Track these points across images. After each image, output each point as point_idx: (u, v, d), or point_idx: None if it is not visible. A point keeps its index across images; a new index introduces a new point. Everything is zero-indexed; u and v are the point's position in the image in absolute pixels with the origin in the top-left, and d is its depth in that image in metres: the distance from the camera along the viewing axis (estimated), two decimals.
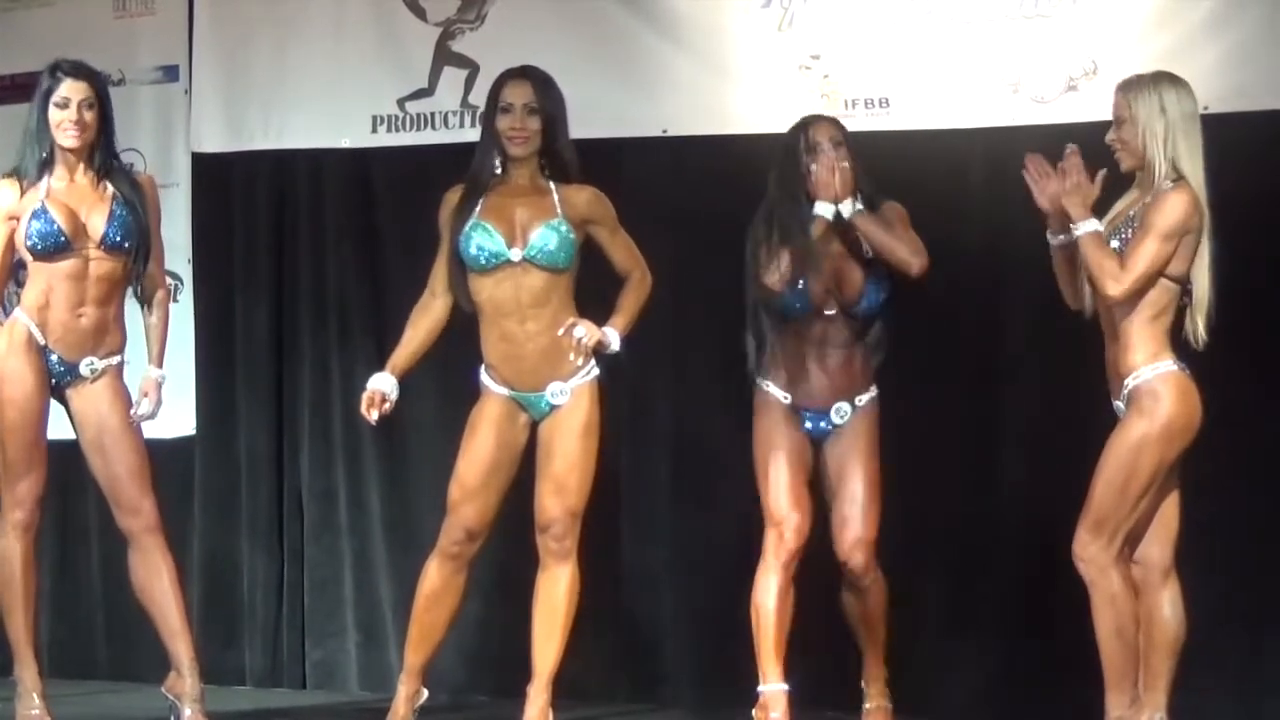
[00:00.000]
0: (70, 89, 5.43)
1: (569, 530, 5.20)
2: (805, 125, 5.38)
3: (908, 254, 5.24)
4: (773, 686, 5.34)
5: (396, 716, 5.29)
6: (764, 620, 5.33)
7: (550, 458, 5.20)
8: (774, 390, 5.37)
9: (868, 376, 5.39)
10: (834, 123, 5.40)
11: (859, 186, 5.27)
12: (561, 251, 5.15)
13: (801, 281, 5.26)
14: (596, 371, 5.23)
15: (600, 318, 5.17)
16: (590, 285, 5.32)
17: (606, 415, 5.26)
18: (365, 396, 5.23)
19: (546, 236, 5.14)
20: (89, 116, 5.44)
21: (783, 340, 5.37)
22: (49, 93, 5.43)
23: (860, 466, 5.34)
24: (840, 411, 5.35)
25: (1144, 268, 4.72)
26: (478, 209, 5.18)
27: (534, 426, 5.24)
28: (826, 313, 5.33)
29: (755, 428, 5.41)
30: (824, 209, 5.25)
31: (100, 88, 5.50)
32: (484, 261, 5.16)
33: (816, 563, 5.41)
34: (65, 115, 5.42)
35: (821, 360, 5.36)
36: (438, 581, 5.26)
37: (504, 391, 5.22)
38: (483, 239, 5.15)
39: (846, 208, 5.24)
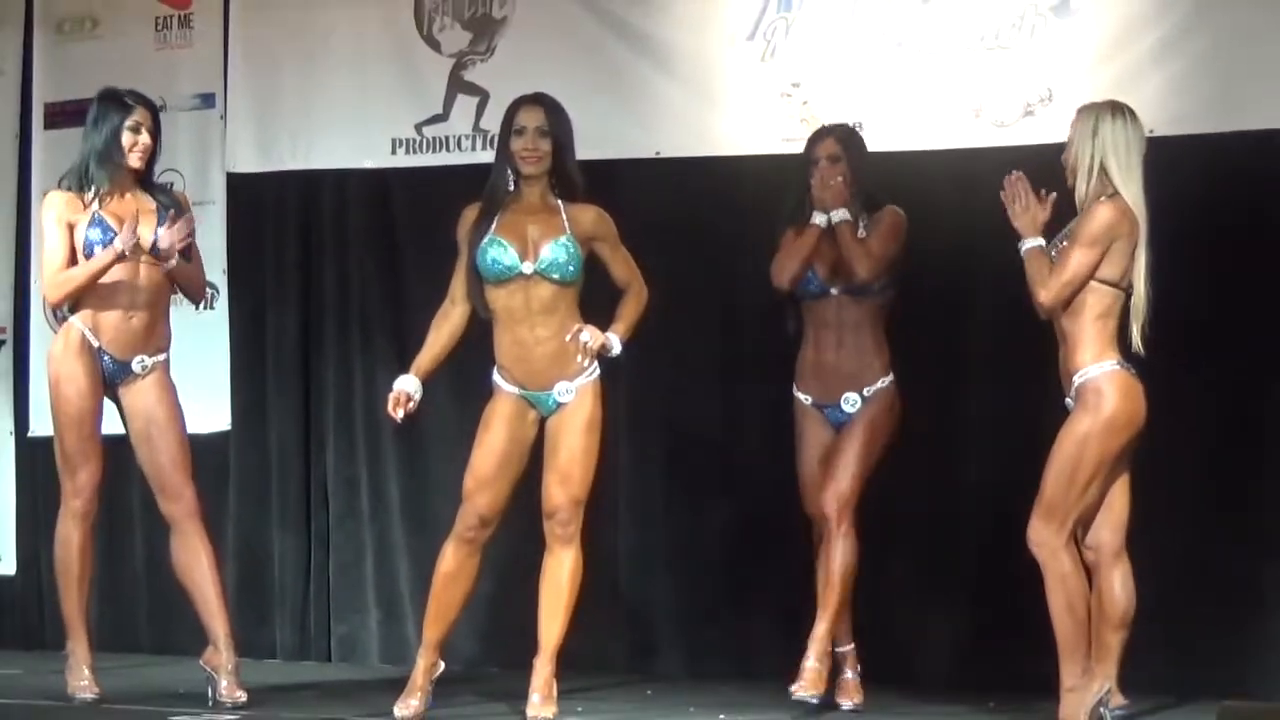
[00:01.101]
0: (142, 116, 5.58)
1: (573, 517, 5.21)
2: (811, 141, 5.56)
3: (856, 262, 5.45)
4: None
5: (415, 686, 5.28)
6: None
7: (556, 451, 5.22)
8: (799, 394, 5.59)
9: (881, 364, 5.53)
10: (838, 138, 5.55)
11: (854, 194, 5.46)
12: (570, 265, 5.18)
13: (810, 270, 5.51)
14: (599, 372, 5.25)
15: (603, 324, 5.23)
16: (597, 294, 5.38)
17: (607, 412, 5.28)
18: (391, 397, 5.21)
19: (556, 252, 5.17)
20: (150, 141, 5.58)
21: (805, 333, 5.58)
22: (123, 119, 5.54)
23: (854, 438, 5.47)
24: (850, 401, 5.51)
25: (1068, 274, 4.84)
26: (493, 225, 5.20)
27: (542, 423, 5.25)
28: (833, 292, 5.51)
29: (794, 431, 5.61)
30: (818, 217, 5.48)
31: (158, 115, 5.66)
32: (499, 274, 5.18)
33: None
34: (139, 140, 5.56)
35: (839, 344, 5.52)
36: (453, 564, 5.26)
37: (515, 390, 5.24)
38: (498, 253, 5.18)
39: (835, 216, 5.45)
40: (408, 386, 5.24)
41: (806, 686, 5.33)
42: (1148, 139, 5.00)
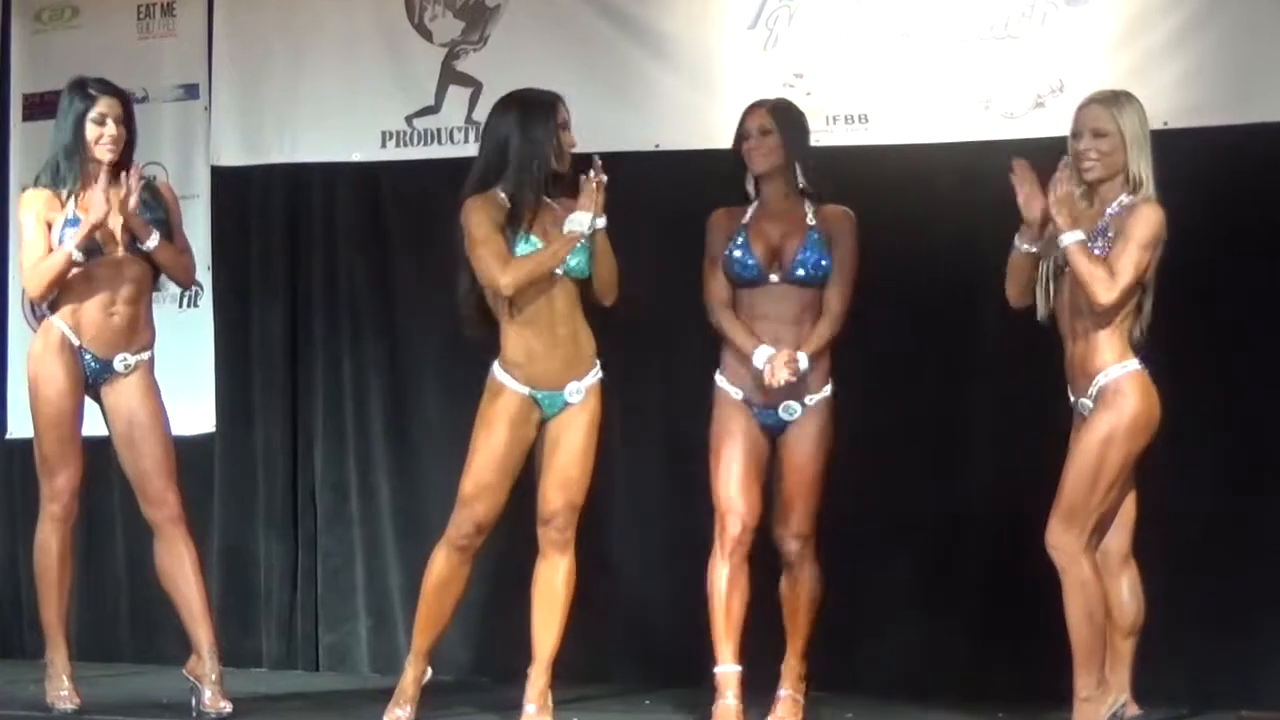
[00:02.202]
0: (106, 105, 5.48)
1: (570, 522, 5.20)
2: (744, 115, 5.40)
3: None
4: (724, 668, 5.32)
5: (404, 695, 5.28)
6: (715, 604, 5.33)
7: (555, 452, 5.20)
8: (726, 386, 5.34)
9: (821, 374, 5.28)
10: (769, 110, 5.36)
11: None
12: (588, 263, 5.20)
13: (741, 237, 5.30)
14: (601, 372, 5.26)
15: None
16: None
17: (605, 411, 5.27)
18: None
19: (578, 252, 5.16)
20: (121, 131, 5.48)
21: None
22: (85, 110, 5.45)
23: (806, 465, 5.27)
24: (789, 409, 5.27)
25: (1133, 275, 4.75)
26: (522, 224, 5.17)
27: (541, 424, 5.23)
28: (772, 278, 5.27)
29: (712, 420, 5.38)
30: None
31: (127, 103, 5.54)
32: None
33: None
34: (104, 131, 5.46)
35: (775, 340, 5.24)
36: (445, 570, 5.24)
37: (524, 390, 5.19)
38: (527, 251, 5.16)
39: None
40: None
41: (783, 717, 5.34)
42: (1161, 130, 4.98)
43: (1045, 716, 5.10)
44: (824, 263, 5.27)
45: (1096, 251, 4.76)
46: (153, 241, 5.47)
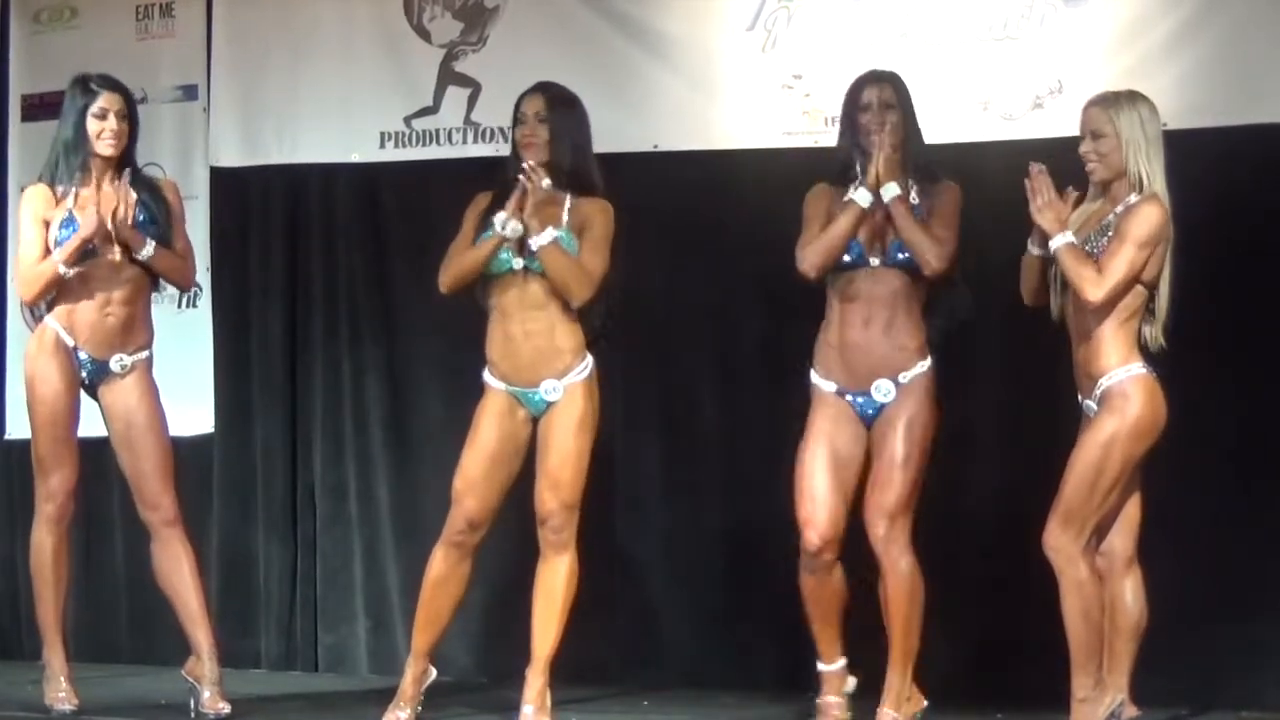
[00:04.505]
0: (108, 100, 5.44)
1: (566, 523, 5.14)
2: (855, 88, 5.12)
3: (926, 251, 5.00)
4: (825, 667, 5.12)
5: (405, 696, 5.23)
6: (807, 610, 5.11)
7: (546, 453, 5.16)
8: (818, 380, 5.12)
9: (916, 348, 5.06)
10: (888, 82, 5.10)
11: (908, 161, 5.06)
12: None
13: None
14: (590, 370, 5.18)
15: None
16: None
17: (602, 409, 5.21)
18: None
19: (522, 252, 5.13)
20: (123, 127, 5.44)
21: (831, 310, 5.11)
22: (86, 105, 5.42)
23: (896, 441, 5.01)
24: (881, 389, 5.05)
25: (1123, 274, 4.70)
26: (496, 214, 5.14)
27: (535, 423, 5.20)
28: (872, 261, 5.05)
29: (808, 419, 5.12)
30: (862, 197, 5.03)
31: (130, 99, 5.51)
32: (493, 269, 5.15)
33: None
34: (105, 125, 5.42)
35: (867, 322, 5.04)
36: (443, 569, 5.20)
37: (502, 386, 5.18)
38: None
39: (886, 193, 5.01)
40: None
41: None
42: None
43: (1043, 717, 5.03)
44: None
45: (1100, 249, 4.73)
46: (147, 251, 5.41)
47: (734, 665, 6.07)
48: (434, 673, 5.26)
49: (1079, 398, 4.81)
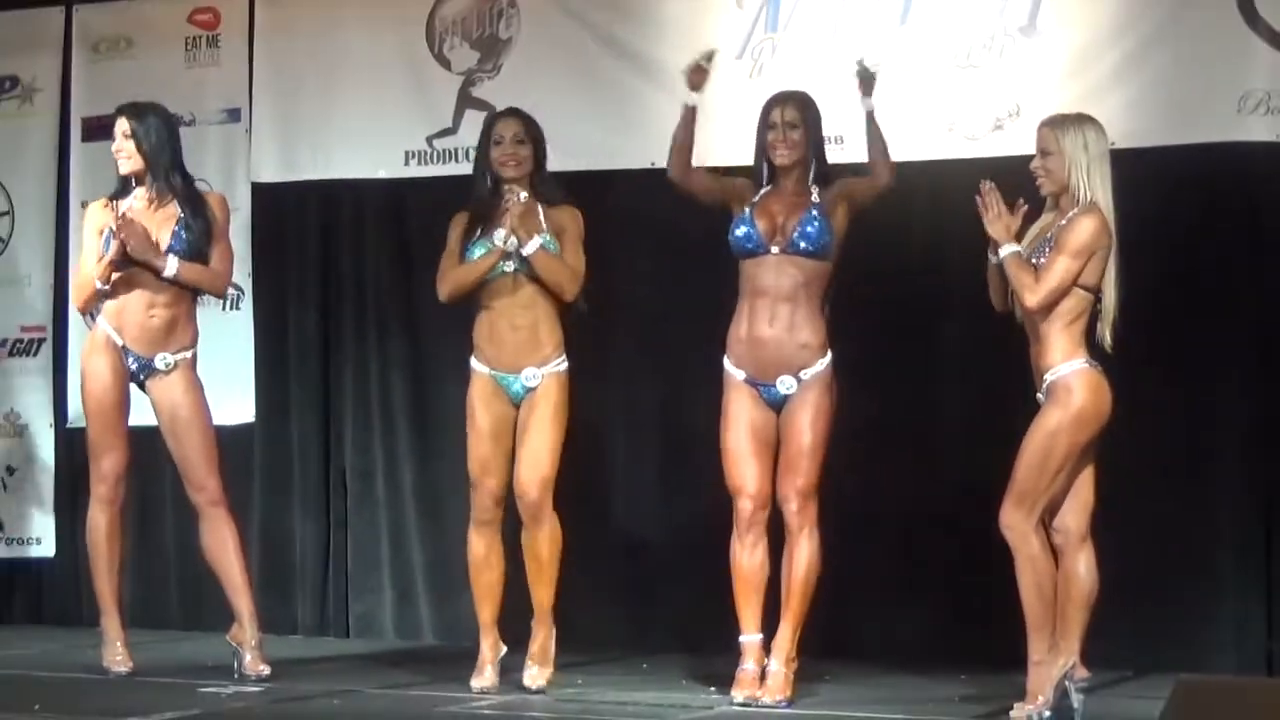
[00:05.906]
0: (118, 123, 5.54)
1: (542, 496, 5.21)
2: (765, 108, 5.27)
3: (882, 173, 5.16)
4: (747, 637, 5.18)
5: (484, 661, 5.29)
6: (735, 578, 5.19)
7: (525, 439, 5.24)
8: (731, 369, 5.23)
9: (818, 345, 5.13)
10: (793, 101, 5.24)
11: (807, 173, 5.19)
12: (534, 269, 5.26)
13: (748, 210, 5.18)
14: (566, 365, 5.28)
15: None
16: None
17: (596, 403, 5.29)
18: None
19: (516, 259, 5.26)
20: (129, 145, 5.50)
21: (741, 303, 5.20)
22: (111, 129, 5.56)
23: (803, 431, 5.10)
24: (785, 384, 5.14)
25: (1055, 281, 4.77)
26: (478, 229, 5.29)
27: (516, 409, 5.28)
28: (773, 250, 5.13)
29: (722, 406, 5.23)
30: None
31: (140, 118, 5.54)
32: (488, 275, 5.26)
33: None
34: (116, 145, 5.54)
35: (771, 320, 5.11)
36: (480, 548, 5.29)
37: (485, 370, 5.28)
38: (479, 254, 5.27)
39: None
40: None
41: (773, 691, 5.09)
42: (1110, 151, 4.94)
43: (1003, 677, 5.11)
44: (825, 238, 5.14)
45: (1044, 259, 4.81)
46: (170, 270, 5.46)
47: (727, 633, 5.78)
48: (504, 648, 5.31)
49: (1035, 393, 4.86)
